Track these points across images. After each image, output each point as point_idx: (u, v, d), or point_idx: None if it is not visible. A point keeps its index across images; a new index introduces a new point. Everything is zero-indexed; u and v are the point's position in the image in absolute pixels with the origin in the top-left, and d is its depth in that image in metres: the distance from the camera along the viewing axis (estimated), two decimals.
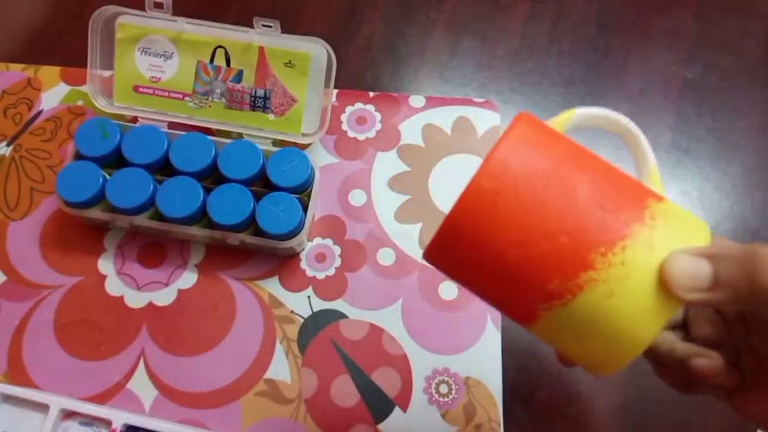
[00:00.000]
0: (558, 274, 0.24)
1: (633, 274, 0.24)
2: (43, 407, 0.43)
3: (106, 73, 0.51)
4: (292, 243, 0.45)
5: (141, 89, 0.50)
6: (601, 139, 0.54)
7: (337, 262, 0.48)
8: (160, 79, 0.50)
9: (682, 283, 0.23)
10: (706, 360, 0.28)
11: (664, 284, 0.24)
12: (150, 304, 0.47)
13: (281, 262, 0.48)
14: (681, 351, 0.29)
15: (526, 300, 0.25)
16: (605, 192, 0.25)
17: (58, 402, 0.42)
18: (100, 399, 0.44)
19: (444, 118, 0.53)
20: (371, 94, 0.54)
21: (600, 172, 0.26)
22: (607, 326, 0.24)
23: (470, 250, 0.25)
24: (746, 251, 0.23)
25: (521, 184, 0.25)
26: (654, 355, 0.30)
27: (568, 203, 0.25)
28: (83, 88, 0.54)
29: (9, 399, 0.43)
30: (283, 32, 0.48)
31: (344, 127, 0.53)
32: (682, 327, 0.31)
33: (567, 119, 0.29)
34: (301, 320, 0.46)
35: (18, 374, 0.45)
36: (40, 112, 0.54)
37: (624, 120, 0.30)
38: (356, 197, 0.50)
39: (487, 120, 0.53)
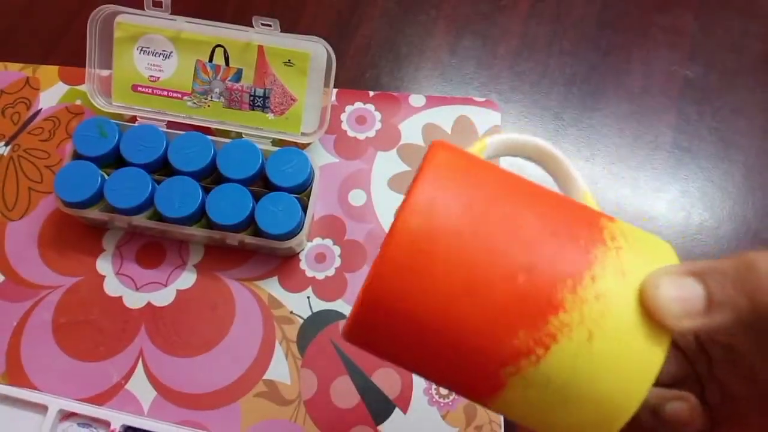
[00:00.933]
0: (522, 324, 0.20)
1: (612, 309, 0.20)
2: (42, 408, 0.42)
3: (105, 73, 0.51)
4: (291, 243, 0.45)
5: (139, 88, 0.50)
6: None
7: (337, 262, 0.48)
8: (158, 78, 0.50)
9: (672, 309, 0.20)
10: (682, 404, 0.24)
11: (650, 314, 0.20)
12: (149, 305, 0.47)
13: (281, 262, 0.48)
14: (652, 398, 0.24)
15: (487, 365, 0.20)
16: (553, 216, 0.21)
17: (56, 403, 0.42)
18: (99, 400, 0.44)
19: (444, 117, 0.53)
20: (371, 93, 0.54)
21: (541, 196, 0.22)
22: (593, 381, 0.20)
23: (408, 314, 0.20)
24: (740, 263, 0.20)
25: (458, 219, 0.20)
26: None
27: (516, 234, 0.20)
28: (82, 88, 0.54)
29: (7, 400, 0.43)
30: (282, 31, 0.48)
31: (344, 126, 0.53)
32: None
33: (481, 149, 0.25)
34: (301, 321, 0.46)
35: (16, 375, 0.45)
36: (38, 112, 0.54)
37: (542, 143, 0.25)
38: (356, 197, 0.50)
39: (487, 119, 0.53)
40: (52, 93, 0.54)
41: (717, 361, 0.25)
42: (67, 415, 0.43)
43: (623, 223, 0.23)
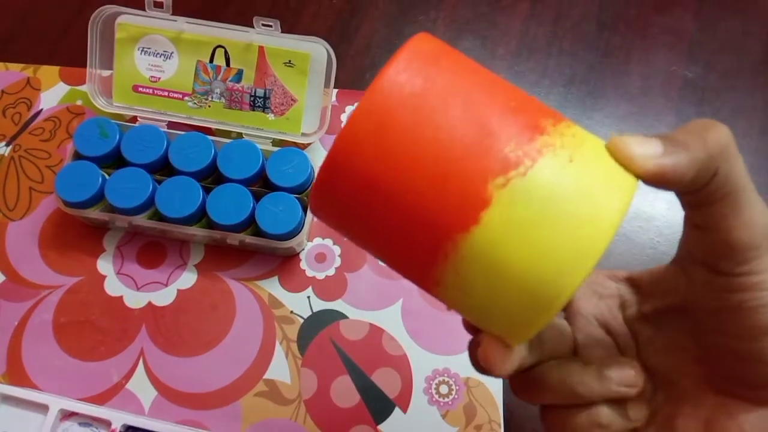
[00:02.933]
0: (514, 136, 0.20)
1: (586, 145, 0.21)
2: (43, 408, 0.42)
3: (106, 73, 0.51)
4: (291, 243, 0.45)
5: (140, 89, 0.50)
6: None
7: (337, 262, 0.48)
8: (159, 78, 0.50)
9: (637, 148, 0.21)
10: (624, 363, 0.25)
11: (619, 155, 0.21)
12: (149, 305, 0.47)
13: (281, 262, 0.48)
14: (595, 363, 0.26)
15: (477, 174, 0.20)
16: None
17: (57, 402, 0.42)
18: (100, 399, 0.44)
19: None
20: None
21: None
22: (574, 199, 0.20)
23: (397, 127, 0.20)
24: (687, 123, 0.23)
25: (439, 71, 0.21)
26: (561, 377, 0.26)
27: (500, 82, 0.22)
28: (82, 88, 0.54)
29: (8, 399, 0.43)
30: (283, 32, 0.48)
31: None
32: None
33: None
34: (301, 320, 0.46)
35: (17, 375, 0.45)
36: (39, 112, 0.54)
37: None
38: None
39: None
40: (53, 93, 0.54)
41: (643, 343, 0.27)
42: (68, 415, 0.43)
43: None
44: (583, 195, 0.20)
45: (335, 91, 0.54)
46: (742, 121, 0.54)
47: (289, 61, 0.49)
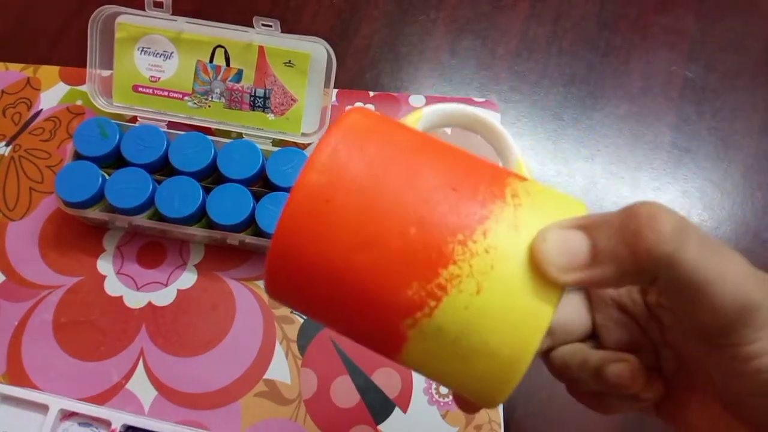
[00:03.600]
0: (415, 276, 0.20)
1: (500, 262, 0.20)
2: (43, 408, 0.42)
3: (106, 73, 0.51)
4: None
5: (140, 89, 0.50)
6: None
7: None
8: (159, 78, 0.50)
9: (556, 262, 0.19)
10: (623, 365, 0.24)
11: (537, 267, 0.20)
12: (149, 305, 0.47)
13: None
14: (595, 360, 0.25)
15: (388, 319, 0.21)
16: (456, 173, 0.21)
17: (57, 402, 0.42)
18: (100, 399, 0.44)
19: None
20: (371, 93, 0.54)
21: (449, 155, 0.22)
22: (483, 334, 0.20)
23: (312, 267, 0.21)
24: (623, 213, 0.19)
25: (358, 174, 0.21)
26: (566, 371, 0.26)
27: (412, 189, 0.21)
28: (82, 88, 0.54)
29: (8, 399, 0.43)
30: (283, 32, 0.48)
31: None
32: (593, 338, 0.27)
33: (417, 119, 0.26)
34: (301, 320, 0.46)
35: (17, 375, 0.45)
36: (39, 112, 0.54)
37: (473, 111, 0.26)
38: None
39: None
40: (53, 93, 0.54)
41: (667, 327, 0.25)
42: (67, 415, 0.43)
43: (536, 183, 0.22)
44: (489, 330, 0.20)
45: (335, 91, 0.54)
46: (742, 120, 0.54)
47: (289, 61, 0.49)
